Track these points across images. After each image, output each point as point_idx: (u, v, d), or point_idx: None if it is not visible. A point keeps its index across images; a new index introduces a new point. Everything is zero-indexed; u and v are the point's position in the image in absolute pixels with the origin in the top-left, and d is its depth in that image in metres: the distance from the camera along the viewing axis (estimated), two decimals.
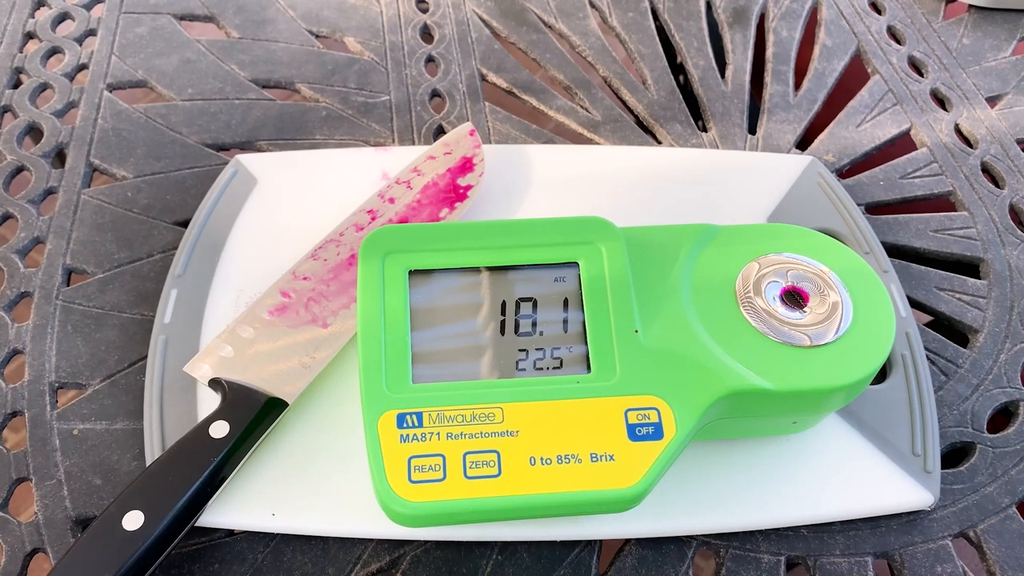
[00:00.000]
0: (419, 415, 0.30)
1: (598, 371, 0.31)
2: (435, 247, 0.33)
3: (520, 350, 0.32)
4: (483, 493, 0.29)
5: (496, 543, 0.34)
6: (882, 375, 0.38)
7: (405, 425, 0.30)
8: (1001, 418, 0.39)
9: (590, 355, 0.31)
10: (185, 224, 0.43)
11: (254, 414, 0.34)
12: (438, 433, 0.30)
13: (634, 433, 0.30)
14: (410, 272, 0.33)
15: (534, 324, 0.32)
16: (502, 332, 0.32)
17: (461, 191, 0.43)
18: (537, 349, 0.32)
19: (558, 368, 0.31)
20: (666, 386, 0.30)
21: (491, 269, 0.33)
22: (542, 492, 0.29)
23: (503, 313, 0.32)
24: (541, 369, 0.31)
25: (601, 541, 0.34)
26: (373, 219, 0.41)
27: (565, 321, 0.32)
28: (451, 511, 0.29)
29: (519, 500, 0.29)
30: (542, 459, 0.29)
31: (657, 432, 0.30)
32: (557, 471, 0.29)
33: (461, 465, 0.29)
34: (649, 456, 0.29)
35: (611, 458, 0.29)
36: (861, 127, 0.50)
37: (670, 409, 0.30)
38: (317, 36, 0.54)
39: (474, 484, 0.29)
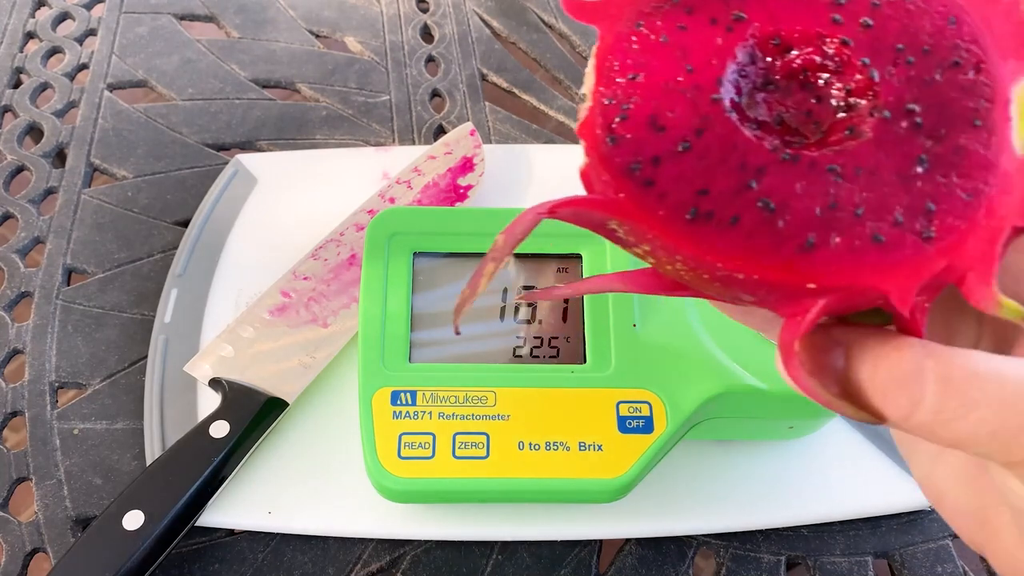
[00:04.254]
0: (413, 393, 0.30)
1: (593, 362, 0.31)
2: (441, 231, 0.34)
3: (518, 336, 0.32)
4: (470, 473, 0.29)
5: (496, 543, 0.34)
6: None
7: (399, 402, 0.30)
8: None
9: (587, 346, 0.31)
10: (185, 224, 0.43)
11: (254, 414, 0.34)
12: (430, 412, 0.30)
13: (624, 425, 0.30)
14: (415, 254, 0.33)
15: (534, 312, 0.32)
16: (501, 318, 0.32)
17: (461, 191, 0.43)
18: (535, 337, 0.32)
19: (554, 357, 0.32)
20: (660, 381, 0.30)
21: None
22: (528, 477, 0.29)
23: (504, 299, 0.33)
24: (537, 357, 0.32)
25: (601, 541, 0.34)
26: None
27: (565, 311, 0.32)
28: (438, 489, 0.29)
29: (505, 483, 0.29)
30: (531, 444, 0.30)
31: (647, 426, 0.30)
32: (545, 457, 0.29)
33: (450, 444, 0.30)
34: (637, 449, 0.29)
35: (599, 448, 0.29)
36: None
37: (662, 404, 0.30)
38: (317, 36, 0.54)
39: (462, 464, 0.29)
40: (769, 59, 0.19)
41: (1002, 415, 0.16)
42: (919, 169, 0.17)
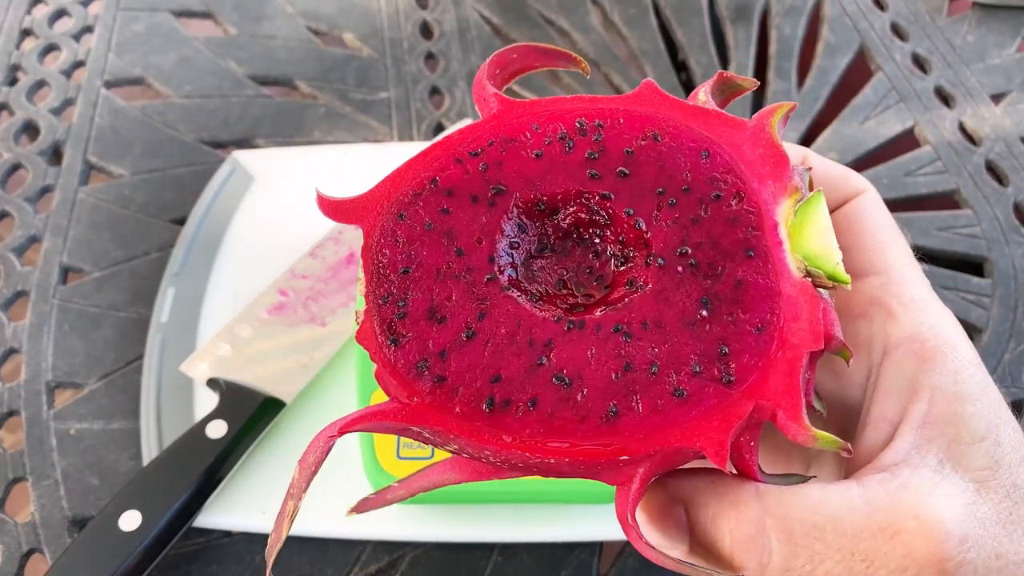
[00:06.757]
0: None
1: None
2: None
3: None
4: None
5: (496, 544, 0.34)
6: None
7: None
8: None
9: None
10: (182, 222, 0.43)
11: (252, 414, 0.34)
12: None
13: None
14: None
15: None
16: None
17: None
18: None
19: None
20: None
21: None
22: (528, 477, 0.29)
23: None
24: None
25: (602, 542, 0.34)
26: None
27: None
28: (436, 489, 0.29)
29: (505, 483, 0.29)
30: None
31: None
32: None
33: None
34: None
35: None
36: (865, 124, 0.49)
37: None
38: (316, 33, 0.54)
39: None
40: (538, 224, 0.19)
41: (846, 563, 0.17)
42: (704, 312, 0.17)
